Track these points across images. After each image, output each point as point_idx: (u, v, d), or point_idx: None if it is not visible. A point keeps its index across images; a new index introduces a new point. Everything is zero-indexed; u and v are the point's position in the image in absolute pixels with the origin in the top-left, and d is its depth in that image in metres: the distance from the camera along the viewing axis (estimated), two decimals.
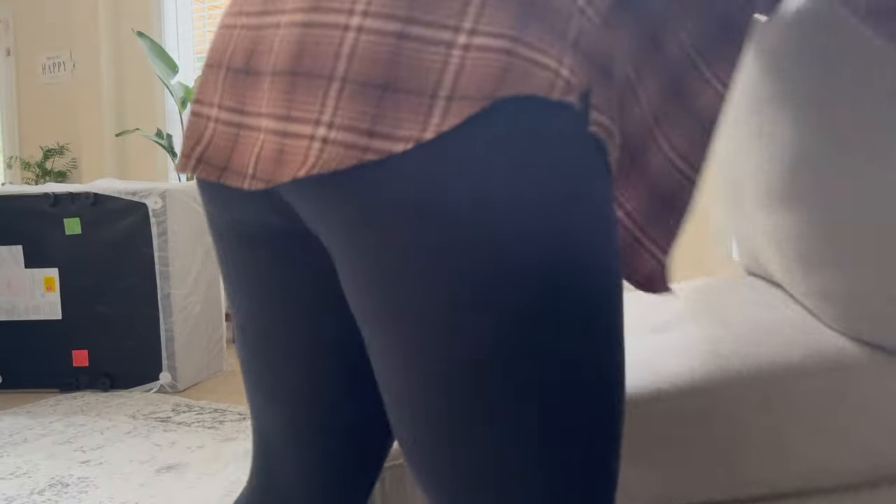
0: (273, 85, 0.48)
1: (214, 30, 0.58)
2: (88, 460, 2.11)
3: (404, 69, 0.44)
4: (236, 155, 0.51)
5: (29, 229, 2.86)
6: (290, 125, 0.47)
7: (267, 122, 0.49)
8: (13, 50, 4.74)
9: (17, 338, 2.90)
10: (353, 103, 0.45)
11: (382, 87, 0.44)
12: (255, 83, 0.50)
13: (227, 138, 0.53)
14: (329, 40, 0.46)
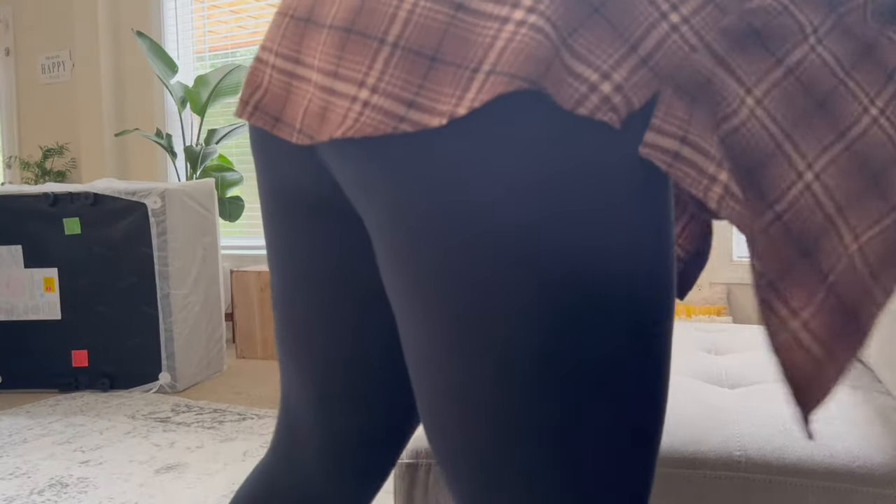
0: (328, 39, 0.48)
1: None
2: (88, 460, 2.10)
3: (454, 41, 0.43)
4: (289, 106, 0.51)
5: (28, 229, 2.86)
6: (336, 83, 0.46)
7: (316, 76, 0.48)
8: (13, 50, 4.74)
9: (17, 338, 2.89)
10: (400, 71, 0.44)
11: (431, 57, 0.43)
12: (314, 33, 0.50)
13: (282, 87, 0.52)
14: (388, 1, 0.45)
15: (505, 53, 0.41)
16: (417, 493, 0.88)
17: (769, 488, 0.77)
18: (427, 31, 0.43)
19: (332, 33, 0.47)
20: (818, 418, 0.85)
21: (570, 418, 0.44)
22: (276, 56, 0.53)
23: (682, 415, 0.90)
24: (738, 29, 0.45)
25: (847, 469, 0.76)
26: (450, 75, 0.42)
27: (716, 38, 0.45)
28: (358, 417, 0.63)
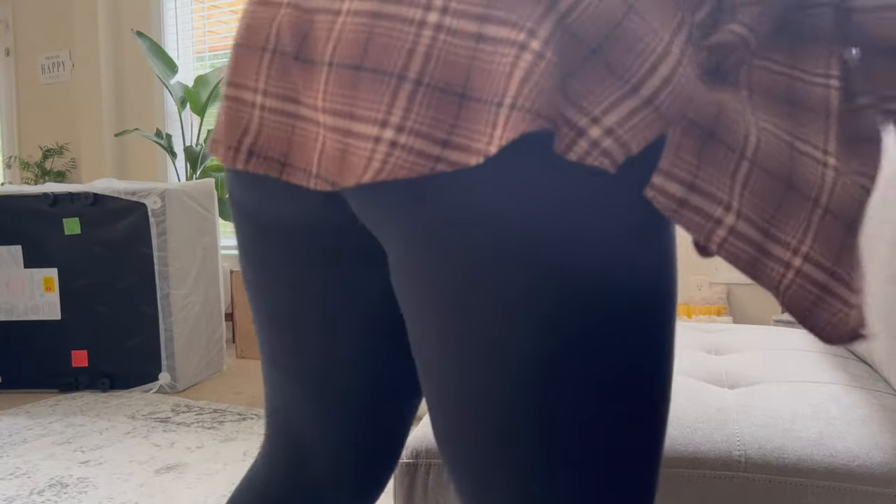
0: (333, 78, 0.46)
1: (246, 6, 0.54)
2: (88, 460, 2.10)
3: (480, 74, 0.42)
4: (297, 149, 0.49)
5: (28, 229, 2.86)
6: (354, 124, 0.45)
7: (326, 118, 0.46)
8: (13, 50, 4.74)
9: (17, 338, 2.89)
10: (428, 109, 0.43)
11: (461, 94, 0.42)
12: (311, 72, 0.47)
13: (282, 129, 0.50)
14: (401, 35, 0.43)
15: (525, 86, 0.41)
16: (417, 494, 0.89)
17: (769, 488, 0.77)
18: (452, 67, 0.42)
19: (338, 71, 0.45)
20: (818, 418, 0.85)
21: (580, 422, 0.46)
22: (266, 96, 0.50)
23: (682, 415, 0.90)
24: (708, 66, 0.46)
25: (847, 468, 0.76)
26: (481, 112, 0.42)
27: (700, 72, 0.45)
28: (371, 431, 0.65)
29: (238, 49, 0.52)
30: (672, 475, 0.80)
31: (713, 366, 1.03)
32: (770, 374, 0.98)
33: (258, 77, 0.51)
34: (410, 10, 0.43)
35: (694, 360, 1.05)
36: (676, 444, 0.82)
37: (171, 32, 4.21)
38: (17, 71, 4.74)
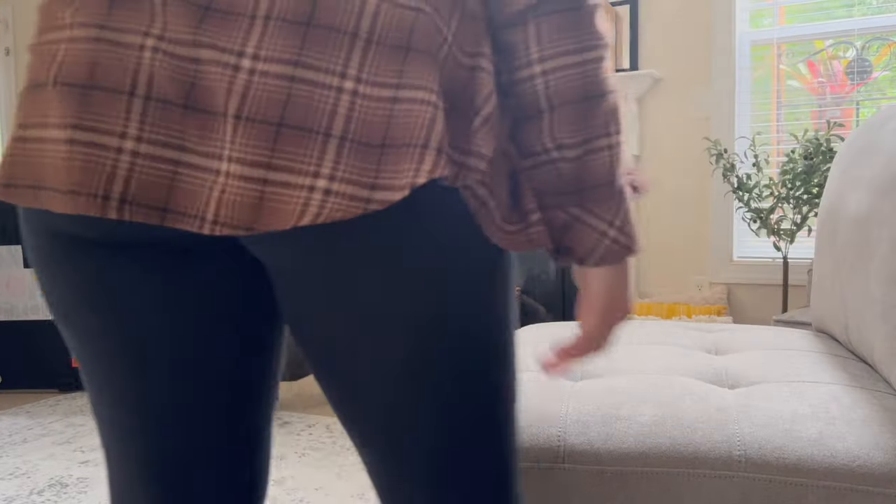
0: (245, 130, 0.49)
1: (65, 41, 0.51)
2: (88, 460, 2.10)
3: (400, 129, 0.50)
4: (180, 195, 0.50)
5: None
6: (274, 174, 0.49)
7: (234, 167, 0.49)
8: (13, 50, 4.74)
9: (17, 338, 2.89)
10: (355, 160, 0.49)
11: (381, 145, 0.50)
12: (208, 122, 0.49)
13: (160, 176, 0.50)
14: (322, 98, 0.49)
15: (445, 137, 0.51)
16: None
17: (769, 488, 0.77)
18: (373, 126, 0.49)
19: (252, 125, 0.48)
20: (818, 418, 0.85)
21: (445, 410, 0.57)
22: (139, 142, 0.50)
23: (682, 415, 0.90)
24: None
25: (847, 468, 0.76)
26: (403, 155, 0.50)
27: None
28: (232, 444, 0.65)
29: (79, 89, 0.50)
30: (672, 475, 0.80)
31: (713, 366, 1.03)
32: (770, 374, 0.98)
33: (127, 122, 0.50)
34: (327, 78, 0.49)
35: (694, 360, 1.05)
36: (676, 444, 0.82)
37: None
38: (18, 71, 4.74)
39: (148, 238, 0.54)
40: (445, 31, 0.52)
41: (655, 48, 2.98)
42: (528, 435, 0.87)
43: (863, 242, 1.00)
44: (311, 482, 1.88)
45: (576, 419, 0.88)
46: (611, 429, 0.86)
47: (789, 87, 2.86)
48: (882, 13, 2.71)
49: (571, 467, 0.84)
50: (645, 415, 0.88)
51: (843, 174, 1.17)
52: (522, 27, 0.55)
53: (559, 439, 0.86)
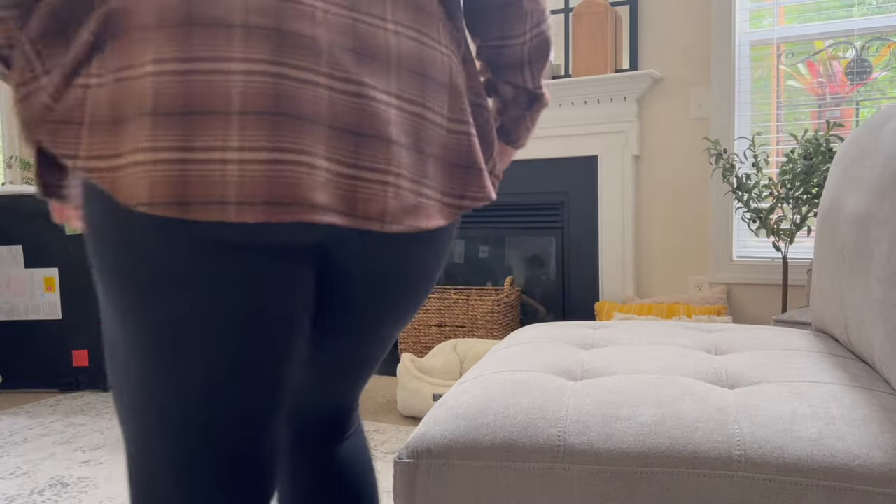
0: (405, 153, 0.66)
1: (252, 73, 0.58)
2: (88, 460, 2.11)
3: (475, 155, 0.74)
4: (360, 203, 0.63)
5: (29, 229, 2.86)
6: (422, 188, 0.68)
7: (401, 181, 0.65)
8: None
9: (17, 338, 2.89)
10: (450, 178, 0.71)
11: (466, 166, 0.72)
12: (375, 144, 0.63)
13: (346, 188, 0.62)
14: (435, 130, 0.70)
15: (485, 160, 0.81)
16: (418, 494, 0.89)
17: (769, 488, 0.77)
18: (460, 152, 0.73)
19: (405, 150, 0.66)
20: (818, 418, 0.85)
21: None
22: (329, 161, 0.61)
23: (682, 415, 0.90)
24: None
25: (847, 468, 0.77)
26: (478, 176, 0.75)
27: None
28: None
29: (269, 117, 0.58)
30: (672, 475, 0.81)
31: (713, 366, 1.03)
32: (770, 374, 0.98)
33: (318, 144, 0.60)
34: (437, 117, 0.72)
35: (694, 360, 1.05)
36: (676, 443, 0.82)
37: None
38: None
39: (299, 240, 0.64)
40: (478, 89, 0.77)
41: (655, 48, 2.99)
42: (528, 434, 0.87)
43: (862, 242, 1.00)
44: None
45: (576, 419, 0.88)
46: (611, 429, 0.86)
47: (789, 87, 2.86)
48: (882, 13, 2.71)
49: (571, 467, 0.84)
50: (645, 415, 0.88)
51: (842, 174, 1.17)
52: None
53: (559, 439, 0.86)
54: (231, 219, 0.57)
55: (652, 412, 0.89)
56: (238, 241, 0.61)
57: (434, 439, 0.90)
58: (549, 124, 3.12)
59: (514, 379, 1.00)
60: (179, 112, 0.56)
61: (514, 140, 0.91)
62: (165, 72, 0.57)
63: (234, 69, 0.57)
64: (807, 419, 0.84)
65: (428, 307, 3.12)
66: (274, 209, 0.58)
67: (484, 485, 0.86)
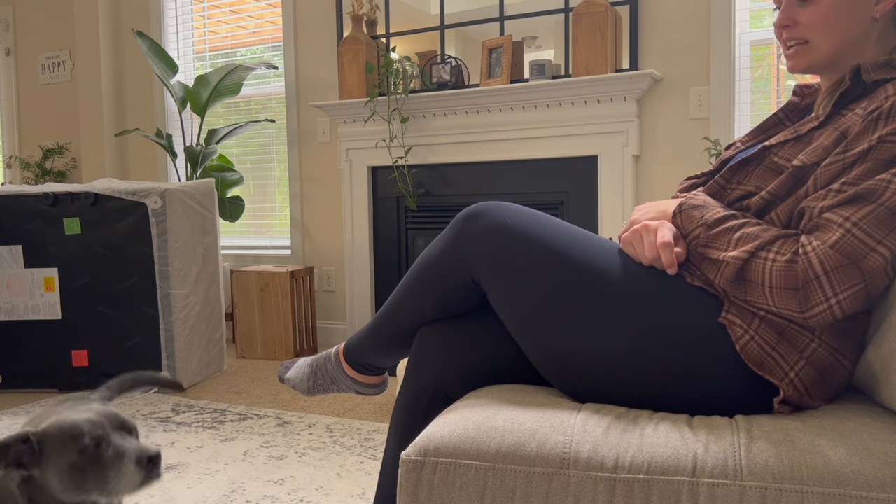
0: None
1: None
2: None
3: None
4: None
5: (28, 229, 2.86)
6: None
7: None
8: (13, 50, 4.74)
9: (17, 338, 2.90)
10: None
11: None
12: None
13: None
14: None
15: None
16: (423, 491, 0.89)
17: (765, 495, 0.78)
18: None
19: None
20: (809, 428, 0.86)
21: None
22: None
23: (682, 424, 0.91)
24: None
25: (840, 474, 0.77)
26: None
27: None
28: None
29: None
30: (671, 483, 0.81)
31: None
32: None
33: None
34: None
35: None
36: (678, 452, 0.83)
37: (171, 32, 4.21)
38: (18, 71, 4.74)
39: None
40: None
41: (655, 48, 2.99)
42: (536, 441, 0.88)
43: None
44: (311, 482, 1.89)
45: (582, 428, 0.89)
46: (617, 437, 0.87)
47: (789, 87, 2.86)
48: None
49: (577, 474, 0.84)
50: (650, 422, 0.89)
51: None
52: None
53: (566, 446, 0.86)
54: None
55: (655, 421, 0.91)
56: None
57: (442, 439, 0.91)
58: (549, 124, 3.12)
59: (525, 389, 1.03)
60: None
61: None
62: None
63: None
64: (798, 431, 0.85)
65: None
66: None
67: (489, 486, 0.87)
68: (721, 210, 0.98)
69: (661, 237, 0.97)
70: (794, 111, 1.16)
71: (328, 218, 3.77)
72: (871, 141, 0.87)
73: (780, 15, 1.05)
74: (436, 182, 3.44)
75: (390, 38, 3.52)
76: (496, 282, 1.05)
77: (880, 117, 0.88)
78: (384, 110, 3.43)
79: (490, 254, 1.05)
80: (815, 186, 0.92)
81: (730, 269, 0.91)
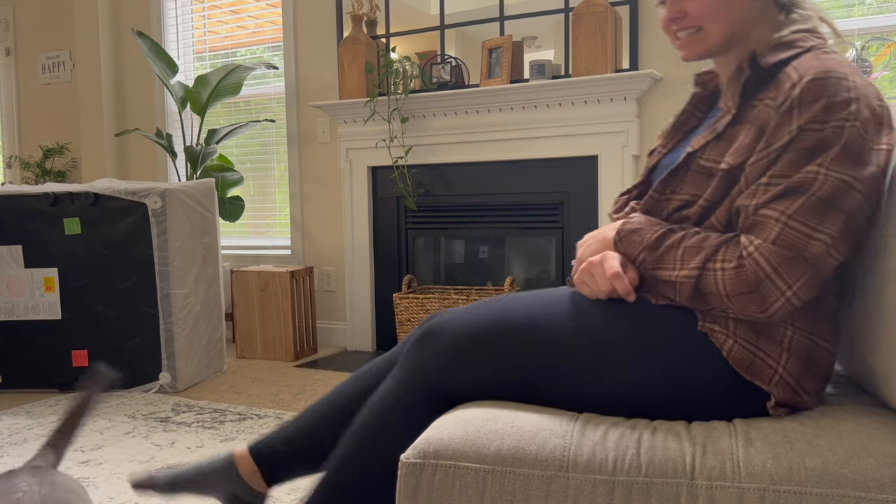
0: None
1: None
2: (88, 460, 2.11)
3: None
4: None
5: (28, 229, 2.87)
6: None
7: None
8: (13, 50, 4.74)
9: (17, 338, 2.90)
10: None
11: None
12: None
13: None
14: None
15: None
16: (422, 494, 0.89)
17: (763, 496, 0.78)
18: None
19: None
20: (807, 430, 0.86)
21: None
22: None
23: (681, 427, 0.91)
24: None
25: (839, 475, 0.77)
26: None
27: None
28: None
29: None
30: (669, 485, 0.81)
31: None
32: None
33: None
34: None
35: None
36: (677, 455, 0.83)
37: (171, 32, 4.21)
38: (18, 71, 4.74)
39: None
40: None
41: (655, 48, 2.99)
42: (535, 443, 0.88)
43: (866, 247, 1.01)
44: (311, 482, 1.89)
45: (581, 431, 0.89)
46: (615, 440, 0.87)
47: None
48: (882, 13, 2.71)
49: (576, 476, 0.84)
50: (648, 427, 0.89)
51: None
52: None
53: (565, 449, 0.86)
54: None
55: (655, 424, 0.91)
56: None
57: (442, 441, 0.91)
58: (549, 124, 3.12)
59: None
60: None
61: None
62: None
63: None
64: (796, 432, 0.85)
65: (428, 307, 3.13)
66: None
67: (489, 488, 0.87)
68: (658, 228, 0.98)
69: (609, 269, 0.97)
70: (701, 101, 1.18)
71: (328, 218, 3.77)
72: (790, 132, 0.90)
73: (667, 9, 1.08)
74: (436, 182, 3.44)
75: (390, 38, 3.52)
76: (480, 387, 1.01)
77: (793, 107, 0.91)
78: (384, 110, 3.43)
79: (461, 365, 1.00)
80: (746, 185, 0.94)
81: (685, 288, 0.92)
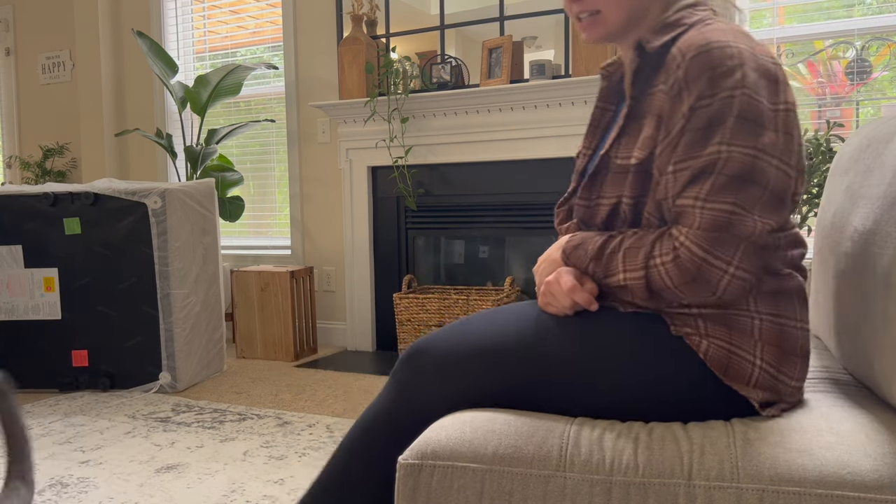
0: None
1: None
2: (88, 460, 2.11)
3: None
4: None
5: (28, 229, 2.87)
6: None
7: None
8: (13, 50, 4.74)
9: (17, 338, 2.90)
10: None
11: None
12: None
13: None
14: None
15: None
16: (420, 495, 0.89)
17: (762, 497, 0.78)
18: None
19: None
20: (806, 430, 0.86)
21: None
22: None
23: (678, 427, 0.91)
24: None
25: (837, 475, 0.77)
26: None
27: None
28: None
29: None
30: (667, 485, 0.81)
31: None
32: None
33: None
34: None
35: None
36: (675, 455, 0.83)
37: (171, 32, 4.21)
38: (18, 71, 4.75)
39: None
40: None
41: None
42: (533, 443, 0.88)
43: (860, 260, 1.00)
44: (311, 482, 1.89)
45: (578, 431, 0.89)
46: (613, 440, 0.87)
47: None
48: (882, 13, 2.70)
49: (574, 476, 0.84)
50: (645, 428, 0.90)
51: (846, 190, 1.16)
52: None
53: (562, 449, 0.86)
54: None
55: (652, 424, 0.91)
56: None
57: (440, 442, 0.91)
58: (549, 124, 3.12)
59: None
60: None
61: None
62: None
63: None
64: (794, 432, 0.85)
65: (428, 307, 3.13)
66: None
67: (487, 488, 0.87)
68: (598, 238, 0.99)
69: (565, 285, 0.98)
70: (610, 94, 1.17)
71: (328, 218, 3.77)
72: (684, 115, 0.91)
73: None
74: (436, 182, 3.44)
75: (390, 38, 3.52)
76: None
77: (682, 88, 0.91)
78: (384, 110, 3.43)
79: (446, 386, 0.99)
80: (660, 176, 0.95)
81: (638, 290, 0.93)
